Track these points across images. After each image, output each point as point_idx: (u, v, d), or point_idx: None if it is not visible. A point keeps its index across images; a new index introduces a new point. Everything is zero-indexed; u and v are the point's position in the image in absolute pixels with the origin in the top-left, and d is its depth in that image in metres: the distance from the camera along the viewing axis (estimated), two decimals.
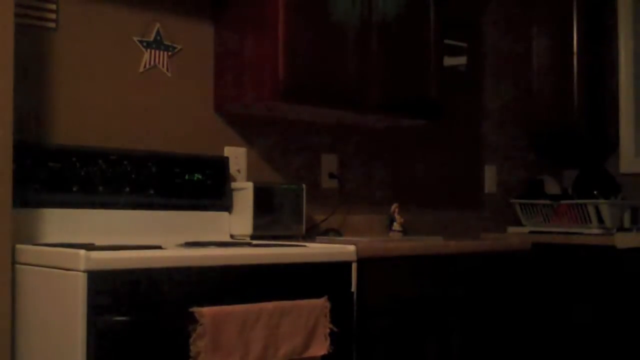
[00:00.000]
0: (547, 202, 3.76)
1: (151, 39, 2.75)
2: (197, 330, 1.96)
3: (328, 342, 2.23)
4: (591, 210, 3.58)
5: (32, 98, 2.46)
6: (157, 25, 2.77)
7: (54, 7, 2.52)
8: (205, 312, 1.97)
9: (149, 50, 2.75)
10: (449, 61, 3.63)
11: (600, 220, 3.56)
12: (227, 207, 2.81)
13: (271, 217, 2.83)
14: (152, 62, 2.75)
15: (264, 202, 2.80)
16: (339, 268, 2.38)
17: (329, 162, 3.30)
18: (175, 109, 2.82)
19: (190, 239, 2.57)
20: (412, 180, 3.61)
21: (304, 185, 2.94)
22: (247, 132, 3.04)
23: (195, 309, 1.97)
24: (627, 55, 3.94)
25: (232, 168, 2.92)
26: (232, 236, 2.82)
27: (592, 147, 4.02)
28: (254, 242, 2.59)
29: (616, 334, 3.23)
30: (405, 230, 3.40)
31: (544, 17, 3.98)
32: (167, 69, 2.79)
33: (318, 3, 2.82)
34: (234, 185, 2.84)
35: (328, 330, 2.23)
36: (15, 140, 2.08)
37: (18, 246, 2.10)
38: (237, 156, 2.96)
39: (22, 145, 2.24)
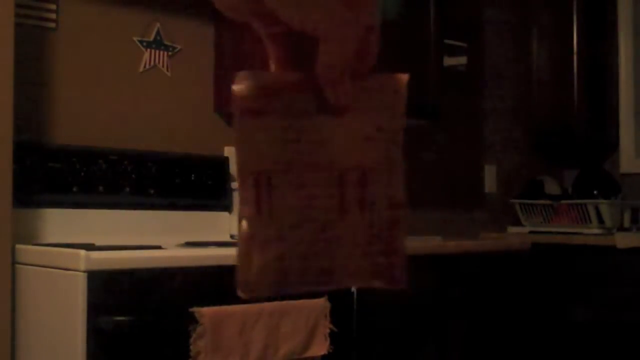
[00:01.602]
0: (547, 202, 3.75)
1: (151, 39, 2.75)
2: (197, 330, 1.96)
3: (328, 342, 2.23)
4: (591, 210, 3.58)
5: (32, 98, 2.46)
6: (157, 25, 2.77)
7: (54, 7, 2.52)
8: (205, 312, 1.97)
9: (149, 50, 2.75)
10: (449, 61, 3.63)
11: (600, 220, 3.55)
12: (227, 207, 2.81)
13: None
14: (152, 62, 2.75)
15: None
16: None
17: None
18: (175, 109, 2.82)
19: (190, 239, 2.57)
20: (411, 180, 3.59)
21: None
22: None
23: (195, 309, 1.97)
24: (627, 55, 3.94)
25: (232, 168, 2.92)
26: (232, 236, 2.82)
27: (592, 147, 4.02)
28: None
29: (616, 334, 3.23)
30: None
31: (544, 17, 3.98)
32: (167, 69, 2.79)
33: None
34: (234, 185, 2.84)
35: (328, 330, 2.23)
36: (15, 140, 2.08)
37: (18, 246, 2.10)
38: None
39: (22, 145, 2.25)
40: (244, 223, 0.53)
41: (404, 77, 0.56)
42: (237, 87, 0.53)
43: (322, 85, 0.51)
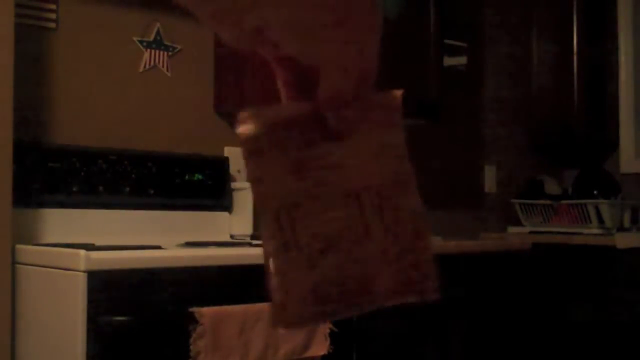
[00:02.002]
0: (547, 202, 3.75)
1: (151, 39, 2.75)
2: (197, 330, 1.96)
3: (328, 342, 2.23)
4: (591, 210, 3.58)
5: (32, 98, 2.46)
6: (157, 25, 2.77)
7: (54, 7, 2.52)
8: (205, 312, 1.97)
9: (149, 50, 2.75)
10: (449, 61, 3.63)
11: (600, 220, 3.55)
12: (227, 207, 2.81)
13: None
14: (152, 62, 2.76)
15: None
16: None
17: None
18: (175, 109, 2.82)
19: (190, 239, 2.58)
20: None
21: None
22: None
23: (195, 309, 1.97)
24: (627, 55, 3.94)
25: (232, 168, 2.92)
26: (232, 236, 2.82)
27: (592, 147, 4.02)
28: (254, 242, 2.59)
29: (616, 334, 3.23)
30: None
31: (544, 17, 3.98)
32: (167, 69, 2.79)
33: None
34: (234, 185, 2.84)
35: (328, 330, 2.23)
36: (15, 140, 2.08)
37: (18, 246, 2.10)
38: (237, 156, 2.96)
39: (22, 145, 2.25)
40: (272, 260, 0.53)
41: (399, 93, 0.57)
42: (242, 129, 0.54)
43: (324, 112, 0.52)
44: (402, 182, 0.56)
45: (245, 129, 0.54)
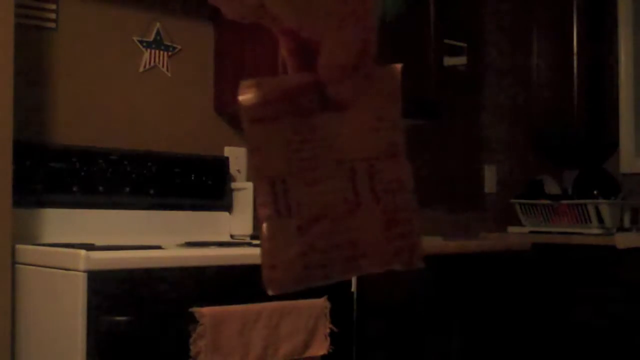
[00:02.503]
0: (547, 202, 3.75)
1: (151, 39, 2.75)
2: (197, 330, 1.96)
3: (328, 342, 2.23)
4: (591, 210, 3.58)
5: (32, 98, 2.46)
6: (157, 25, 2.77)
7: (54, 7, 2.52)
8: (205, 312, 1.97)
9: (149, 50, 2.75)
10: (449, 61, 3.63)
11: (600, 220, 3.55)
12: (227, 207, 2.81)
13: None
14: (152, 62, 2.75)
15: None
16: None
17: None
18: (175, 109, 2.82)
19: (190, 239, 2.57)
20: None
21: None
22: None
23: (195, 309, 1.97)
24: (627, 55, 3.94)
25: (232, 168, 2.92)
26: (232, 236, 2.82)
27: (592, 147, 4.02)
28: (254, 242, 2.59)
29: (616, 334, 3.23)
30: None
31: (544, 17, 3.98)
32: (167, 69, 2.79)
33: None
34: (234, 185, 2.84)
35: (328, 330, 2.23)
36: (15, 140, 2.08)
37: (18, 246, 2.10)
38: (237, 156, 2.96)
39: (22, 145, 2.24)
40: (264, 225, 0.56)
41: (398, 66, 0.58)
42: (242, 97, 0.55)
43: (324, 83, 0.53)
44: (395, 154, 0.58)
45: (246, 97, 0.56)
